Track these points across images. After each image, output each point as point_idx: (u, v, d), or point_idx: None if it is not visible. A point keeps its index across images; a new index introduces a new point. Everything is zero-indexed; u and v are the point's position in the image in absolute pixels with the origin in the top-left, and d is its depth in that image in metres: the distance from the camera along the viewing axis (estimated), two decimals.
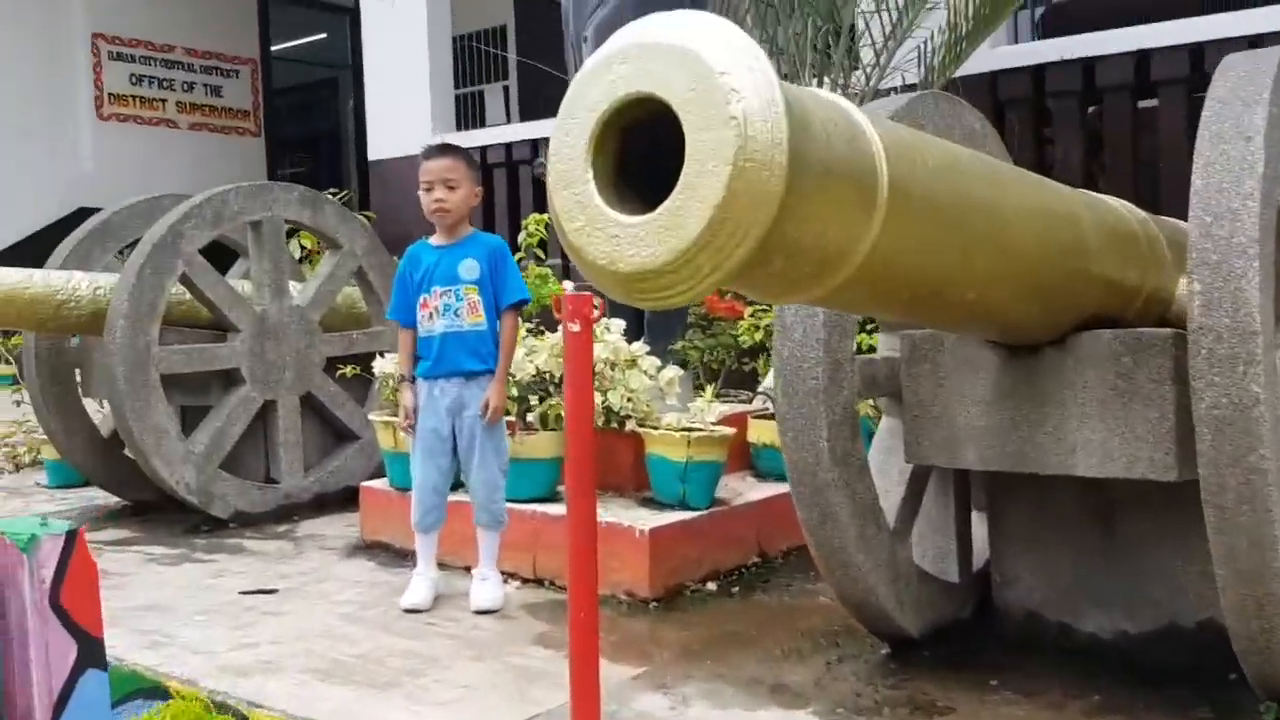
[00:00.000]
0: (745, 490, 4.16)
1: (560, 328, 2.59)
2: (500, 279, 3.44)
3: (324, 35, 14.38)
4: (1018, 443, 2.60)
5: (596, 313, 2.13)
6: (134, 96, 11.34)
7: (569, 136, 1.54)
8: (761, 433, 4.32)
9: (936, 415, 2.70)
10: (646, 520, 3.66)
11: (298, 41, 14.23)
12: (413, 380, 3.48)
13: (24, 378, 5.15)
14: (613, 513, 3.73)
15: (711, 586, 3.73)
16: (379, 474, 4.65)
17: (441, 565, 3.73)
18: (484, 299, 3.41)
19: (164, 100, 11.60)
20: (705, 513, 3.80)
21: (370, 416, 4.60)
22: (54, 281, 4.63)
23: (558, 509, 3.85)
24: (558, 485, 4.03)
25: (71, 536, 2.67)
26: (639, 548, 3.57)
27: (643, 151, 1.57)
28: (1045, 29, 6.64)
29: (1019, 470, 2.61)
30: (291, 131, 15.24)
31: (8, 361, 6.88)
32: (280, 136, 13.75)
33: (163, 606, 3.67)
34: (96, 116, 11.05)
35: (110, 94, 11.14)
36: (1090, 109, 5.74)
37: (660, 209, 1.44)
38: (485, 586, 3.50)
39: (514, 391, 4.09)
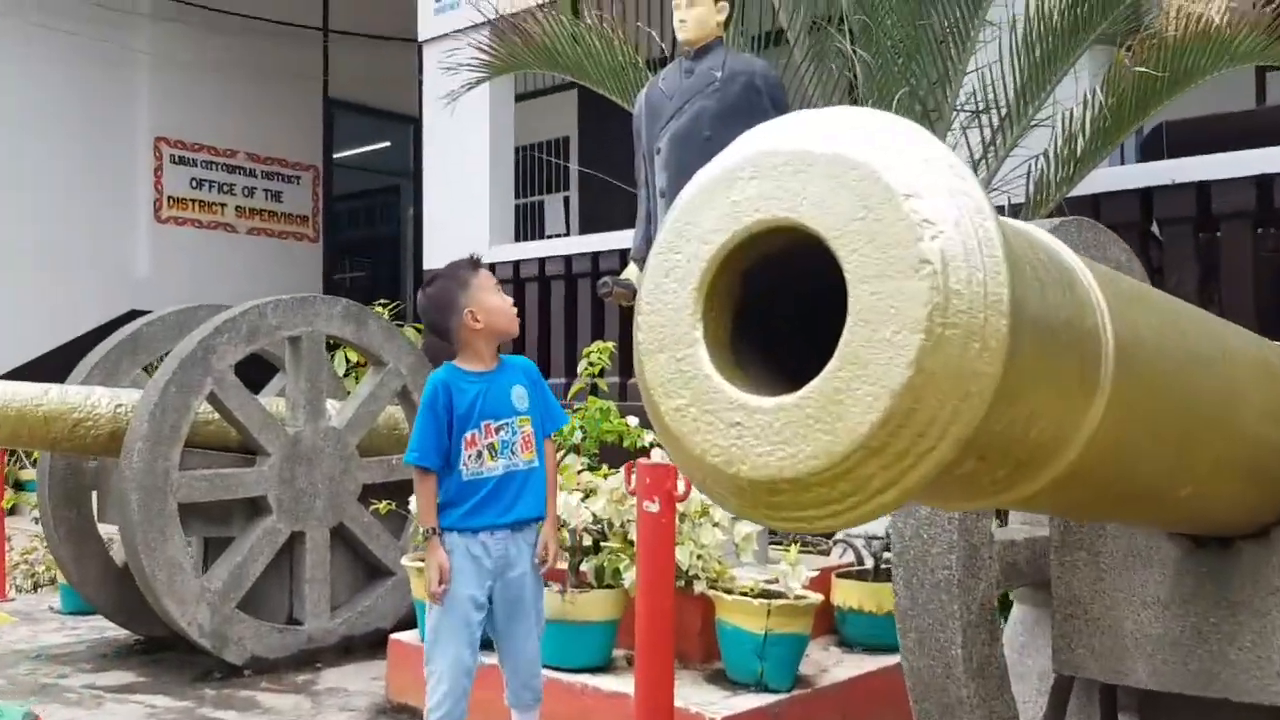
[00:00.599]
0: (830, 664, 3.59)
1: (623, 468, 2.15)
2: (542, 405, 2.96)
3: (387, 144, 14.37)
4: (1204, 659, 2.04)
5: (683, 489, 1.66)
6: (193, 200, 11.24)
7: (668, 279, 1.08)
8: (848, 594, 3.77)
9: (1096, 617, 2.16)
10: (718, 704, 3.11)
11: (361, 149, 14.22)
12: (440, 534, 2.85)
13: (38, 498, 4.75)
14: (679, 693, 3.17)
15: None
16: (410, 616, 4.15)
17: None
18: (535, 431, 2.93)
19: (223, 204, 11.49)
20: (787, 696, 3.24)
21: (403, 560, 4.12)
22: (71, 399, 4.26)
23: (612, 682, 3.32)
24: (612, 652, 3.50)
25: None
26: None
27: (768, 298, 1.12)
28: (1149, 151, 6.18)
29: (1207, 694, 2.05)
30: (350, 238, 15.19)
31: (16, 487, 6.54)
32: (339, 243, 13.64)
33: None
34: (155, 219, 10.94)
35: (170, 197, 11.05)
36: (1202, 235, 5.24)
37: (809, 389, 0.97)
38: None
39: (566, 539, 3.59)
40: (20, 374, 8.25)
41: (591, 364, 4.03)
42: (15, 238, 9.75)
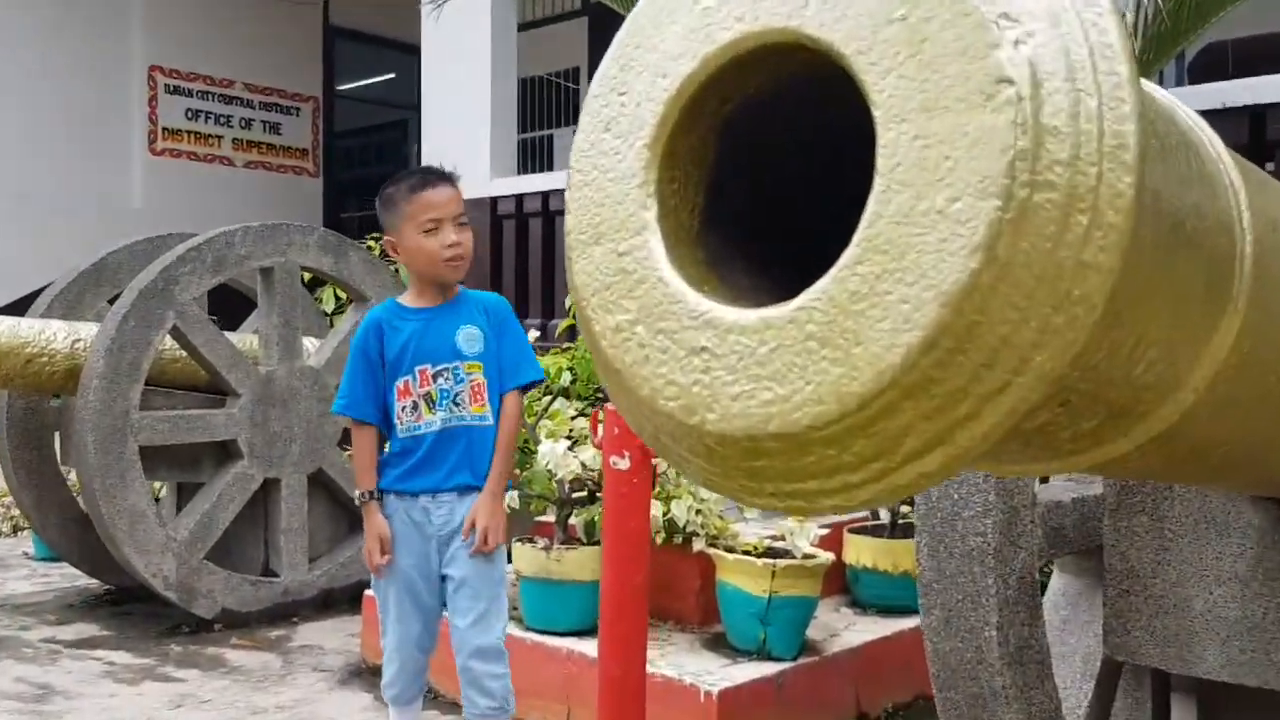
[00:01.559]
0: (841, 629, 3.27)
1: (596, 445, 1.80)
2: (506, 351, 2.47)
3: (392, 75, 13.90)
4: None
5: None
6: (189, 132, 10.84)
7: (608, 134, 0.73)
8: (862, 552, 3.44)
9: (1158, 595, 1.82)
10: (715, 675, 2.80)
11: (365, 81, 13.76)
12: (380, 497, 2.47)
13: None
14: (671, 660, 2.88)
15: None
16: None
17: (448, 704, 2.90)
18: (489, 381, 2.44)
19: (220, 137, 11.09)
20: (791, 664, 2.92)
21: (357, 499, 3.80)
22: (24, 333, 3.93)
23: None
24: None
25: None
26: (704, 714, 2.70)
27: (754, 162, 0.77)
28: (1196, 73, 5.73)
29: None
30: (354, 173, 14.80)
31: None
32: (341, 178, 13.25)
33: None
34: (149, 151, 10.57)
35: (165, 128, 10.66)
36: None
37: (812, 294, 0.62)
38: None
39: (552, 493, 3.27)
40: (7, 311, 7.97)
41: None
42: (3, 170, 9.41)
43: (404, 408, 2.43)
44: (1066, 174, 0.57)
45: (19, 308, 8.11)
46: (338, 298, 6.55)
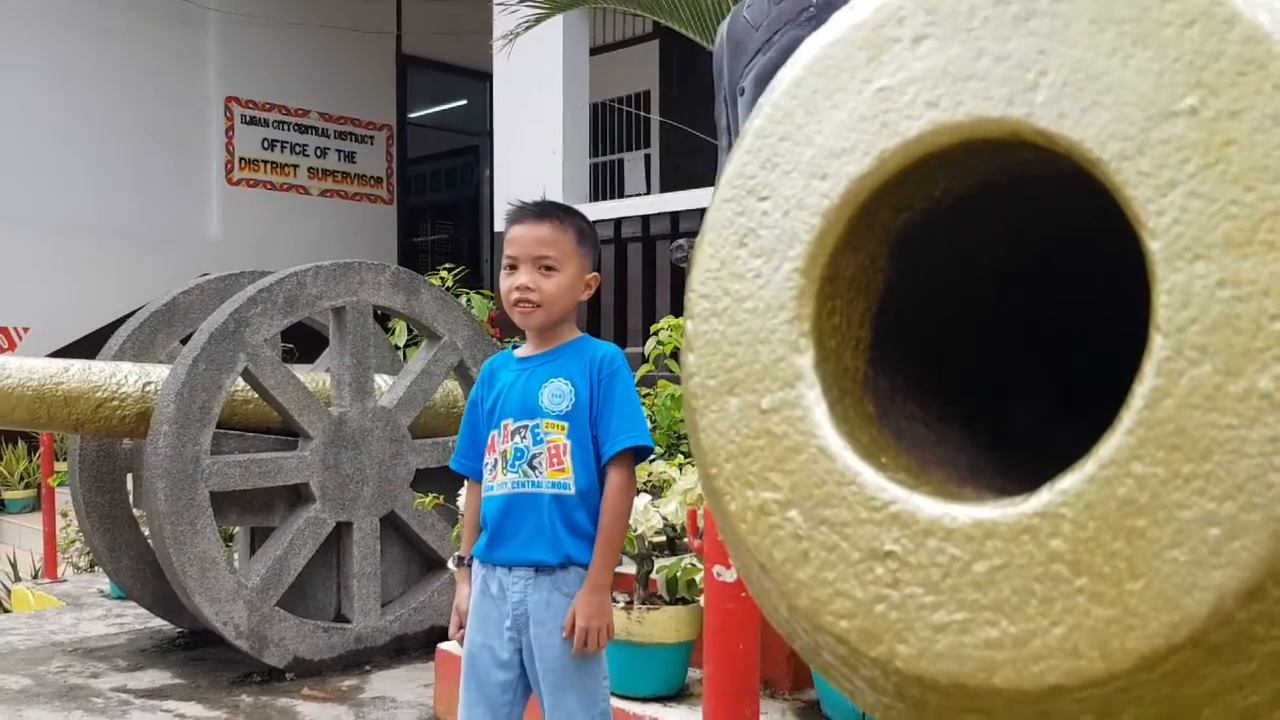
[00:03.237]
0: None
1: (695, 550, 1.62)
2: (606, 412, 2.18)
3: (464, 102, 13.94)
4: None
5: None
6: (265, 161, 10.94)
7: (744, 250, 0.56)
8: None
9: None
10: None
11: (437, 109, 13.82)
12: (470, 563, 2.29)
13: (69, 483, 4.42)
14: None
15: None
16: None
17: None
18: (574, 444, 2.16)
19: (295, 166, 11.19)
20: None
21: (450, 564, 3.67)
22: (95, 376, 3.88)
23: (686, 715, 2.83)
24: (687, 676, 3.02)
25: None
26: None
27: (940, 290, 0.58)
28: None
29: None
30: (429, 201, 14.87)
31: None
32: (417, 206, 13.30)
33: None
34: (226, 181, 10.69)
35: (241, 158, 10.77)
36: None
37: (1057, 495, 0.43)
38: None
39: (632, 547, 3.09)
40: (89, 342, 8.05)
41: (661, 342, 3.49)
42: (84, 202, 9.58)
43: (487, 465, 2.23)
44: None
45: (103, 336, 8.22)
46: (410, 330, 6.48)
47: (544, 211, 2.23)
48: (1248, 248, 0.41)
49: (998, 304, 0.59)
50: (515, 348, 2.38)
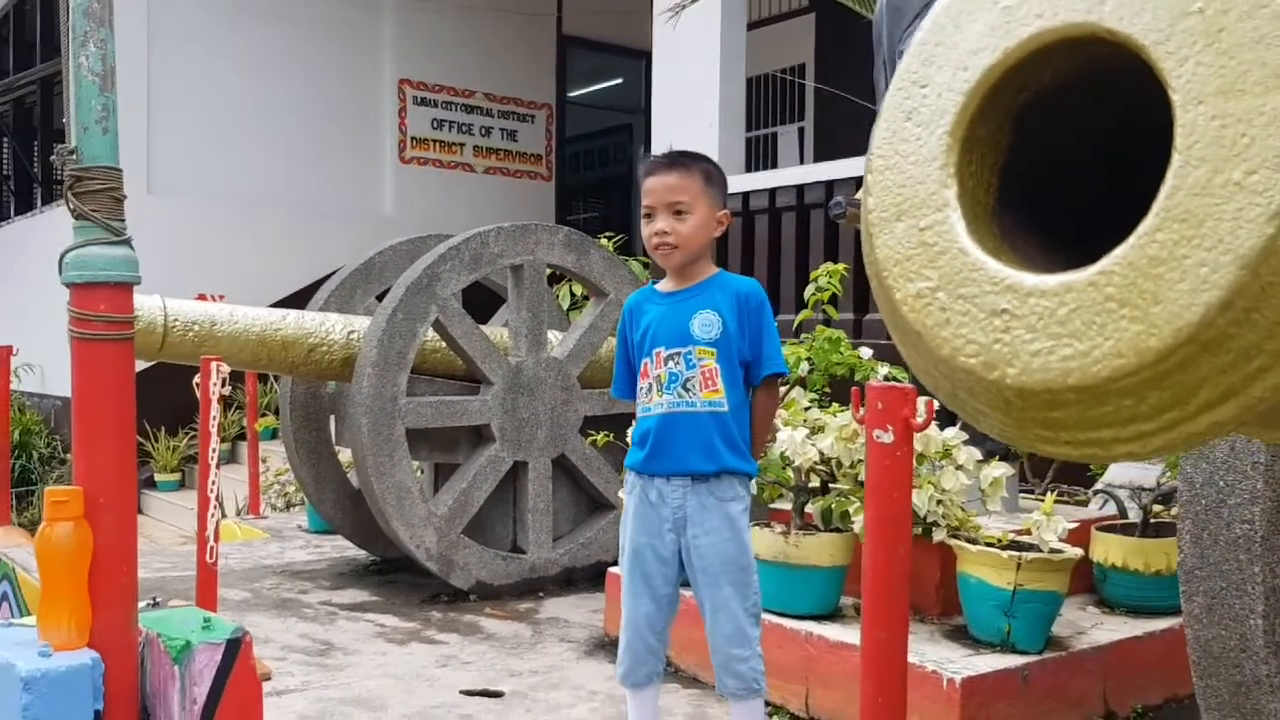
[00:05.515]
0: (1088, 626, 3.21)
1: (859, 421, 1.86)
2: (754, 339, 2.43)
3: (619, 80, 14.32)
4: None
5: (922, 418, 1.39)
6: (434, 140, 11.56)
7: (910, 122, 0.82)
8: (1111, 550, 3.36)
9: None
10: (958, 664, 2.81)
11: (594, 88, 14.23)
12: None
13: (280, 421, 4.95)
14: (914, 648, 2.88)
15: None
16: None
17: (689, 679, 3.03)
18: (724, 368, 2.40)
19: (462, 144, 11.77)
20: (1036, 658, 2.90)
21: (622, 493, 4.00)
22: (307, 324, 4.36)
23: (838, 631, 3.08)
24: (840, 599, 3.26)
25: (234, 646, 2.18)
26: (947, 701, 2.73)
27: (1047, 147, 0.84)
28: None
29: None
30: (584, 177, 15.30)
31: (276, 413, 6.87)
32: (572, 183, 13.74)
33: (375, 702, 3.19)
34: (399, 160, 11.33)
35: (413, 138, 11.40)
36: None
37: (1112, 260, 0.69)
38: None
39: (789, 477, 3.36)
40: (280, 306, 8.76)
41: (820, 289, 3.72)
42: (269, 181, 10.32)
43: (642, 389, 2.50)
44: None
45: (287, 303, 8.87)
46: (573, 294, 6.88)
47: (672, 161, 2.48)
48: (1230, 94, 0.65)
49: (1088, 163, 0.83)
50: (655, 284, 2.62)
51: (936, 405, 1.62)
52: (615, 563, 4.19)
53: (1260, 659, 1.75)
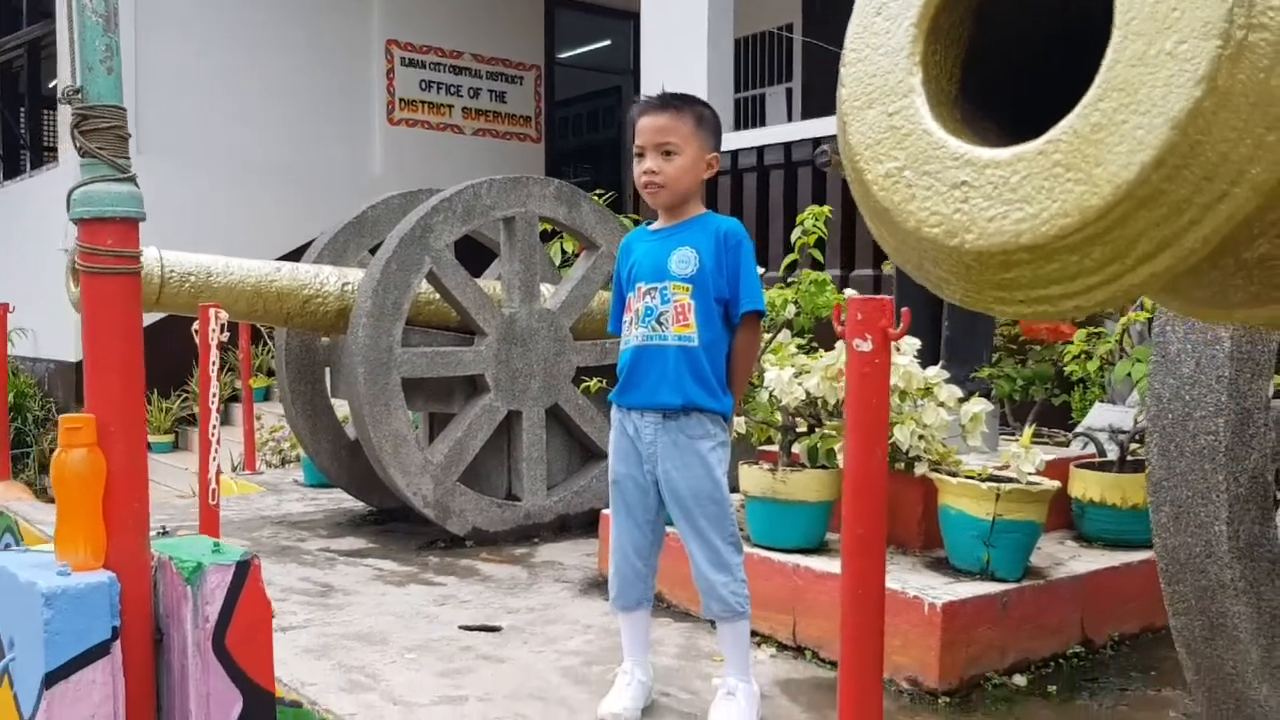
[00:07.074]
0: (1066, 559, 3.31)
1: (839, 344, 1.95)
2: (732, 277, 2.48)
3: (608, 42, 14.29)
4: None
5: (898, 327, 1.47)
6: (422, 102, 11.55)
7: (880, 17, 0.89)
8: (1088, 486, 3.46)
9: None
10: (939, 590, 2.92)
11: (582, 49, 14.20)
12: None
13: (276, 374, 5.02)
14: (896, 577, 3.01)
15: (1020, 680, 2.93)
16: None
17: (681, 613, 3.14)
18: (698, 304, 2.45)
19: (450, 106, 11.77)
20: (1015, 586, 3.00)
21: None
22: (301, 276, 4.42)
23: (824, 563, 3.18)
24: (826, 534, 3.36)
25: (243, 568, 2.27)
26: (928, 626, 2.83)
27: (1004, 41, 0.91)
28: None
29: None
30: (573, 138, 15.28)
31: (269, 373, 6.93)
32: (561, 144, 13.74)
33: (376, 637, 3.29)
34: (387, 121, 11.33)
35: (401, 99, 11.39)
36: None
37: (1059, 129, 0.76)
38: (731, 706, 2.54)
39: (777, 418, 3.45)
40: None
41: (806, 231, 3.80)
42: (258, 143, 10.31)
43: (625, 323, 2.59)
44: (1278, 17, 0.70)
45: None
46: (564, 251, 6.93)
47: (663, 102, 2.54)
48: None
49: (1040, 53, 0.91)
50: (649, 224, 2.70)
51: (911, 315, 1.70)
52: (608, 507, 4.29)
53: (1224, 564, 1.85)
